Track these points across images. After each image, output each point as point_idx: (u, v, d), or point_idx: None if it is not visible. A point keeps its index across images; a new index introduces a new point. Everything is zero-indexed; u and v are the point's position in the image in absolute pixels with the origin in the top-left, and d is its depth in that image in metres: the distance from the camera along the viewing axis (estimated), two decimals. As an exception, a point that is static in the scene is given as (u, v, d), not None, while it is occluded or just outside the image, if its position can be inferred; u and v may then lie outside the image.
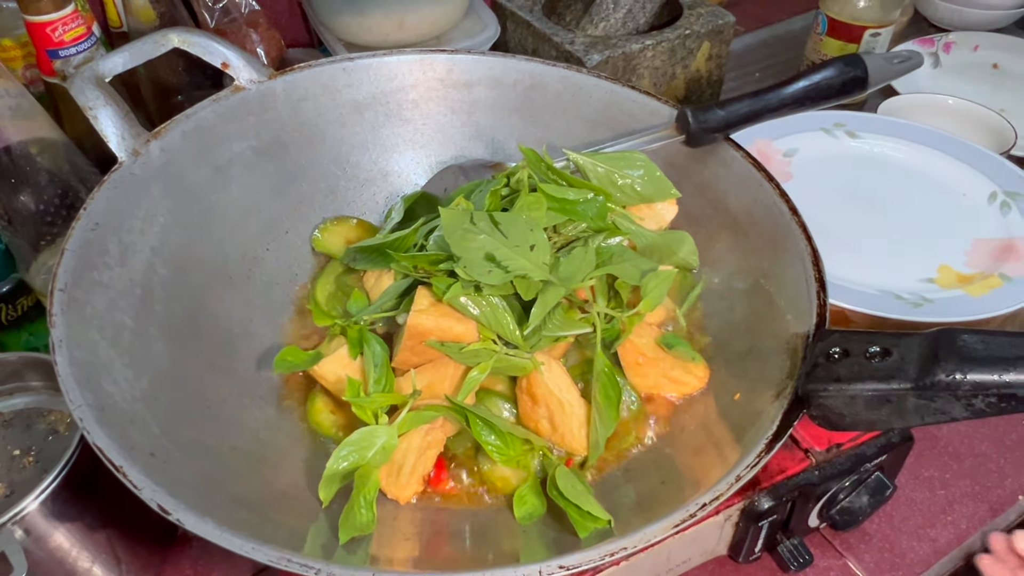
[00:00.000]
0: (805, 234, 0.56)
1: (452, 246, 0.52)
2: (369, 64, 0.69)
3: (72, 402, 0.44)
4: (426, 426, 0.52)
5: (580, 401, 0.54)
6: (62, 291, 0.49)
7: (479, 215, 0.54)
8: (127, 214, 0.56)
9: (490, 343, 0.53)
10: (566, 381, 0.54)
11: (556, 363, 0.54)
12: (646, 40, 0.89)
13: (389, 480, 0.52)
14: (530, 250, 0.53)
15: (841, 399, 0.44)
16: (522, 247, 0.53)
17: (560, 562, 0.41)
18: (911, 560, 0.65)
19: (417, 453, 0.52)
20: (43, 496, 0.53)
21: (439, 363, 0.55)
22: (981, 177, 0.86)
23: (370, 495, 0.49)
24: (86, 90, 0.58)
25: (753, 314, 0.57)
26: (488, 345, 0.53)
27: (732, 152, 0.63)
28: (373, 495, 0.49)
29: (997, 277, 0.74)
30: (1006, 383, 0.39)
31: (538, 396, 0.53)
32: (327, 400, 0.57)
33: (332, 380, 0.56)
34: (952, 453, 0.72)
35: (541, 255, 0.53)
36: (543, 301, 0.53)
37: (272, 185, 0.67)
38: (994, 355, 0.40)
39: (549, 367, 0.53)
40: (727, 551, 0.62)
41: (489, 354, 0.53)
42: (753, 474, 0.43)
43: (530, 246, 0.53)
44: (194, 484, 0.45)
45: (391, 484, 0.52)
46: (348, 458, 0.50)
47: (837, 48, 1.03)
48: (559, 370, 0.54)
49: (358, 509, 0.48)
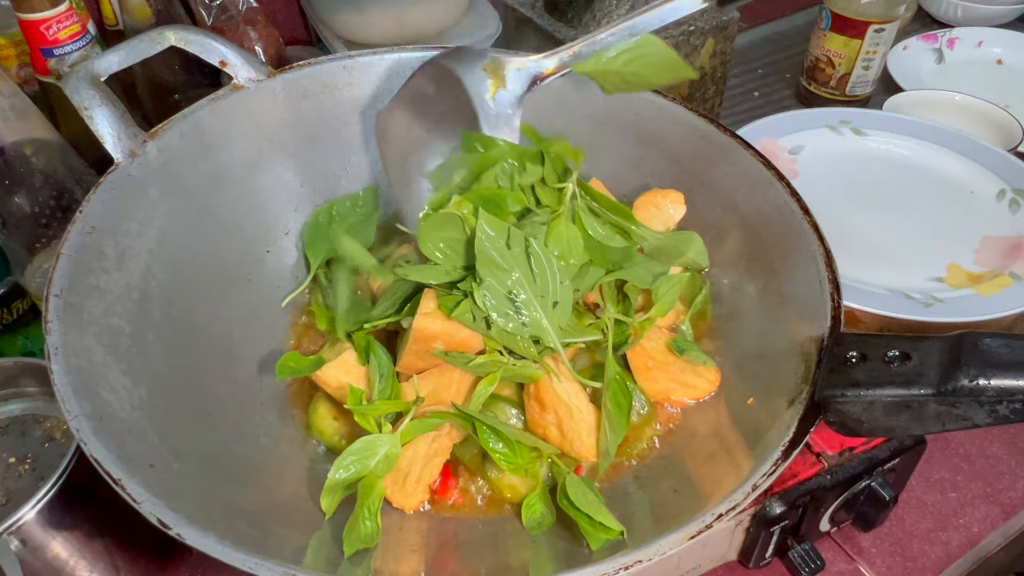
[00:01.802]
0: (817, 234, 0.55)
1: (480, 268, 0.51)
2: (370, 62, 0.68)
3: (68, 412, 0.43)
4: (432, 433, 0.51)
5: (589, 407, 0.53)
6: (58, 296, 0.48)
7: (516, 237, 0.51)
8: (124, 217, 0.55)
9: (497, 354, 0.52)
10: (575, 387, 0.53)
11: (565, 368, 0.53)
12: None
13: (394, 489, 0.51)
14: (552, 307, 0.51)
15: (859, 405, 0.43)
16: (546, 298, 0.51)
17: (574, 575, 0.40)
18: (923, 564, 0.64)
19: (423, 461, 0.51)
20: (40, 505, 0.52)
21: (444, 368, 0.54)
22: (989, 174, 0.85)
23: (374, 506, 0.48)
24: (81, 90, 0.57)
25: (765, 316, 0.56)
26: (495, 357, 0.52)
27: (741, 150, 0.62)
28: (377, 506, 0.48)
29: (1007, 276, 0.73)
30: (1032, 388, 0.38)
31: (546, 402, 0.52)
32: (330, 407, 0.56)
33: (335, 386, 0.55)
34: (963, 455, 0.71)
35: (561, 315, 0.52)
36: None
37: (271, 186, 0.66)
38: (1019, 359, 0.38)
39: (558, 370, 0.52)
40: (737, 557, 0.61)
41: (497, 365, 0.52)
42: (770, 482, 0.42)
43: (553, 302, 0.51)
44: (194, 496, 0.44)
45: (396, 493, 0.51)
46: (350, 468, 0.49)
47: (841, 44, 1.02)
48: (568, 376, 0.53)
49: (362, 520, 0.47)
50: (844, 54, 1.02)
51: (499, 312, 0.51)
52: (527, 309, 0.51)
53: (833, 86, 1.05)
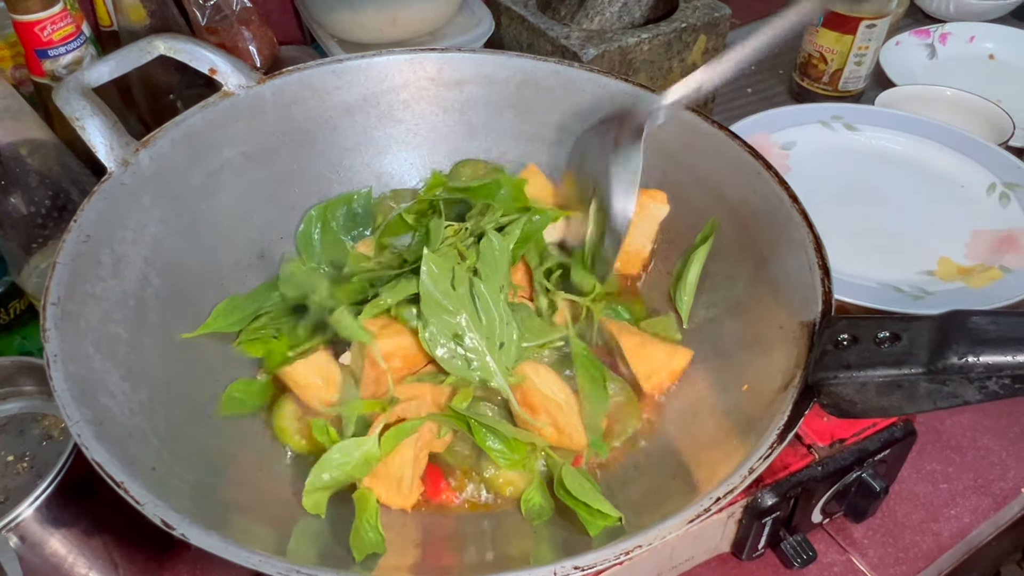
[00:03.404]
0: (806, 221, 0.55)
1: (424, 309, 0.52)
2: (359, 65, 0.68)
3: (69, 418, 0.44)
4: (415, 435, 0.52)
5: (575, 396, 0.53)
6: (55, 305, 0.48)
7: (461, 276, 0.52)
8: (118, 225, 0.55)
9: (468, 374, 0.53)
10: (557, 381, 0.53)
11: (542, 367, 0.53)
12: (642, 34, 0.88)
13: (390, 494, 0.52)
14: (499, 348, 0.52)
15: (852, 386, 0.43)
16: (493, 340, 0.52)
17: (575, 562, 0.40)
18: (915, 555, 0.64)
19: (412, 462, 0.51)
20: (38, 502, 0.52)
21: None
22: (980, 168, 0.85)
23: (372, 519, 0.48)
24: (72, 100, 0.57)
25: (757, 304, 0.57)
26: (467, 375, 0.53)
27: (729, 141, 0.62)
28: (376, 518, 0.49)
29: (997, 269, 0.74)
30: (1020, 363, 0.38)
31: (536, 405, 0.53)
32: (295, 408, 0.56)
33: (302, 384, 0.55)
34: (954, 446, 0.71)
35: (507, 356, 0.52)
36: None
37: (264, 191, 0.66)
38: (1006, 335, 0.39)
39: (536, 373, 0.53)
40: (730, 548, 0.61)
41: (468, 380, 0.53)
42: (766, 465, 0.43)
43: (500, 343, 0.52)
44: (197, 496, 0.45)
45: (393, 497, 0.52)
46: (329, 471, 0.50)
47: (833, 40, 1.02)
48: (546, 372, 0.53)
49: (364, 533, 0.47)
50: (836, 50, 1.02)
51: (446, 353, 0.52)
52: (473, 352, 0.51)
53: (826, 82, 1.06)
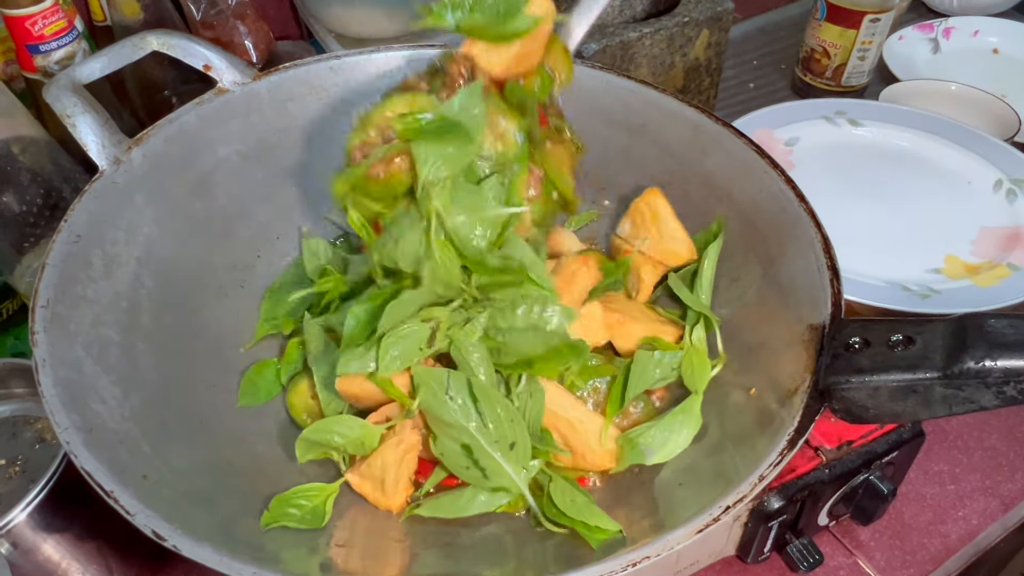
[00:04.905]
0: (814, 221, 0.54)
1: (431, 424, 0.50)
2: (356, 61, 0.67)
3: (58, 424, 0.43)
4: (395, 438, 0.51)
5: (590, 414, 0.52)
6: (44, 308, 0.47)
7: (457, 384, 0.49)
8: (110, 225, 0.54)
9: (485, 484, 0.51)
10: (568, 398, 0.51)
11: (551, 384, 0.51)
12: (644, 28, 0.87)
13: (376, 495, 0.51)
14: (510, 448, 0.49)
15: (864, 391, 0.42)
16: (502, 443, 0.48)
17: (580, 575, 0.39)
18: (922, 557, 0.63)
19: (395, 465, 0.50)
20: (30, 507, 0.52)
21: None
22: (986, 164, 0.84)
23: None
24: (63, 97, 0.56)
25: (764, 306, 0.56)
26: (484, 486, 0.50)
27: (734, 139, 0.61)
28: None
29: (1005, 267, 0.73)
30: (1039, 368, 0.37)
31: (546, 424, 0.51)
32: (310, 385, 0.56)
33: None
34: (962, 447, 0.71)
35: (522, 455, 0.49)
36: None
37: (260, 190, 0.65)
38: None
39: (545, 389, 0.51)
40: (736, 551, 0.60)
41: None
42: (776, 472, 0.42)
43: (511, 444, 0.49)
44: (190, 505, 0.44)
45: (380, 498, 0.51)
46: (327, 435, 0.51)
47: (836, 34, 1.01)
48: (556, 389, 0.51)
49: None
50: (840, 44, 1.01)
51: (458, 468, 0.50)
52: (486, 462, 0.48)
53: (829, 77, 1.05)
